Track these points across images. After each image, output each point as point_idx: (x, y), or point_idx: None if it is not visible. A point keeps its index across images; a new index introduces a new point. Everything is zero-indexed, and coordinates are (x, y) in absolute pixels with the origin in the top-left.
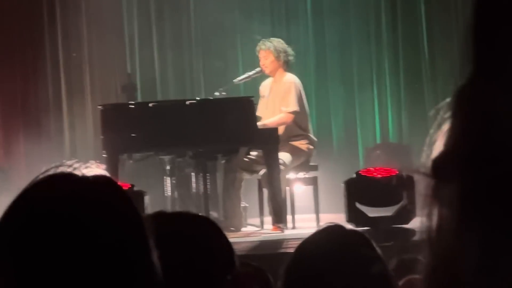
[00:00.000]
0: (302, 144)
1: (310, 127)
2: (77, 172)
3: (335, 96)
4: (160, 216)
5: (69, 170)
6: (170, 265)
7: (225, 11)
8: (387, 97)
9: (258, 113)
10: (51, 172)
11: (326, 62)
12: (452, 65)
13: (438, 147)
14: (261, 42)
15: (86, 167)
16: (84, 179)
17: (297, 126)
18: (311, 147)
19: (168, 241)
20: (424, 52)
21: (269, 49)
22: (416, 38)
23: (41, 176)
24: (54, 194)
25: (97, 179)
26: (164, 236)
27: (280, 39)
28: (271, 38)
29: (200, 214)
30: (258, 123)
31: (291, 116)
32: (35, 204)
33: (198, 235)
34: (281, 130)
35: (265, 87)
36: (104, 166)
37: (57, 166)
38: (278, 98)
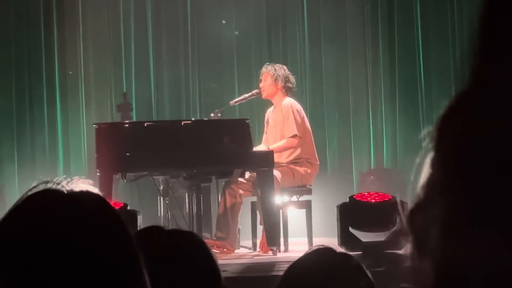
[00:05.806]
0: (300, 167)
1: (314, 149)
2: (64, 189)
3: (330, 121)
4: (149, 231)
5: (56, 186)
6: (153, 280)
7: (223, 33)
8: (382, 123)
9: (264, 140)
10: (39, 188)
11: (322, 86)
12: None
13: (424, 175)
14: (264, 65)
15: (73, 183)
16: (72, 195)
17: (300, 149)
18: (309, 170)
19: (154, 256)
20: (421, 79)
21: (268, 72)
22: (413, 65)
23: (29, 193)
24: (44, 210)
25: (83, 195)
26: (150, 251)
27: (283, 66)
28: (276, 64)
29: (188, 231)
30: (263, 149)
31: (295, 140)
32: (24, 222)
33: (183, 251)
34: (286, 153)
35: (268, 113)
36: (89, 181)
37: (45, 183)
38: (278, 124)
